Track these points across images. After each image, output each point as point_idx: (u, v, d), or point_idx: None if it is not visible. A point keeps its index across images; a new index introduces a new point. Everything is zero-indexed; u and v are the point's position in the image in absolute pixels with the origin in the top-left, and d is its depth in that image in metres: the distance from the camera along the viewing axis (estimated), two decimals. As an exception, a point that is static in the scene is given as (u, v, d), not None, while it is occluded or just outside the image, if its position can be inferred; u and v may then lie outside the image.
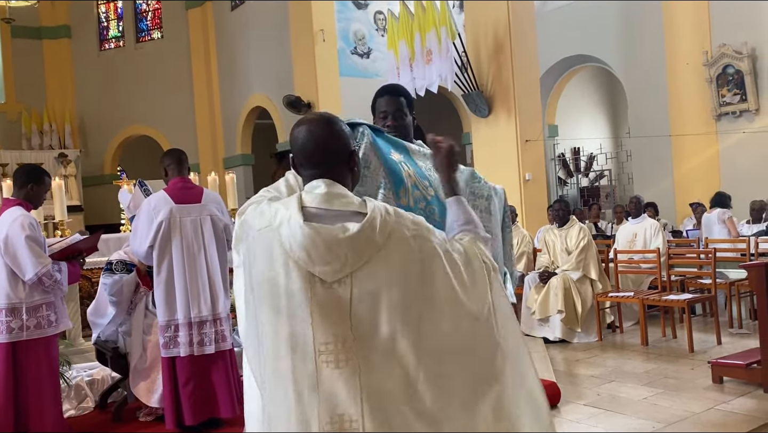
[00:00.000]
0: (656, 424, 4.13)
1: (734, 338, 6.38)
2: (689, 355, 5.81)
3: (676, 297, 6.34)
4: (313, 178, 1.85)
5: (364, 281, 1.70)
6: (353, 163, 1.90)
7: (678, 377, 5.16)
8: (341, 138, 1.88)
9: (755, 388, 4.64)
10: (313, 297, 1.71)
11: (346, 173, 1.88)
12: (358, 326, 1.70)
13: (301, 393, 1.72)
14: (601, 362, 5.81)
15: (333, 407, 1.69)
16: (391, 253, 1.71)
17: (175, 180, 4.17)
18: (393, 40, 9.79)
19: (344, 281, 1.71)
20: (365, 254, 1.71)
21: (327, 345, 1.70)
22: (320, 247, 1.72)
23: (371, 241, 1.71)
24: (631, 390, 4.88)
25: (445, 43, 9.03)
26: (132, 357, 4.45)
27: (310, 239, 1.72)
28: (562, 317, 6.64)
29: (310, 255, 1.72)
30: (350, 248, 1.70)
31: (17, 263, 3.84)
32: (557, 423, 4.27)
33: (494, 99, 9.81)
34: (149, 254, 4.02)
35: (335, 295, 1.70)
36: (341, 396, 1.69)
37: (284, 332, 1.75)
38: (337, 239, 1.71)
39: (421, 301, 1.72)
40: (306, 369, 1.72)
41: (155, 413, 4.46)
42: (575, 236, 6.99)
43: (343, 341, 1.69)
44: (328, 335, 1.70)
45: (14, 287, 3.87)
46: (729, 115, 10.40)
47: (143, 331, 4.48)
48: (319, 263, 1.71)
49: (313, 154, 1.85)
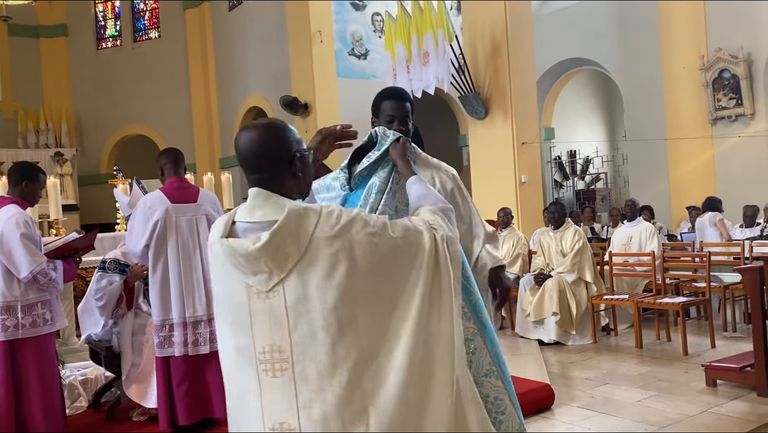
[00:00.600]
0: (649, 427, 4.13)
1: (728, 341, 6.39)
2: (683, 358, 5.83)
3: (671, 300, 6.36)
4: (253, 184, 1.84)
5: (295, 288, 1.69)
6: (296, 169, 1.84)
7: (672, 380, 5.17)
8: (281, 143, 1.84)
9: (749, 391, 4.65)
10: (252, 307, 1.74)
11: (288, 179, 1.84)
12: (294, 333, 1.69)
13: (249, 400, 1.77)
14: (596, 365, 5.82)
15: (275, 415, 1.72)
16: (316, 256, 1.68)
17: (171, 179, 4.17)
18: (390, 41, 9.80)
19: (277, 289, 1.71)
20: (287, 261, 1.69)
21: (264, 354, 1.73)
22: (241, 260, 1.74)
23: (286, 248, 1.69)
24: (625, 393, 4.89)
25: (442, 45, 9.05)
26: (123, 360, 4.44)
27: (230, 254, 1.75)
28: (556, 320, 6.65)
29: (239, 267, 1.75)
30: (267, 258, 1.70)
31: (12, 260, 3.82)
32: (551, 425, 4.29)
33: (491, 101, 9.83)
34: (145, 253, 4.02)
35: (271, 304, 1.72)
36: (280, 405, 1.71)
37: (233, 341, 1.80)
38: (248, 251, 1.71)
39: (354, 300, 1.68)
40: (250, 377, 1.75)
41: (149, 413, 4.44)
42: (570, 238, 7.00)
43: (279, 350, 1.71)
44: (265, 344, 1.73)
45: (9, 285, 3.86)
46: (725, 119, 10.44)
47: (133, 332, 4.46)
48: (249, 273, 1.73)
49: (252, 160, 1.84)
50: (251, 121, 1.93)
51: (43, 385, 3.93)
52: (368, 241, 1.70)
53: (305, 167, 1.88)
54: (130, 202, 4.81)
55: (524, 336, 6.93)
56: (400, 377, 1.68)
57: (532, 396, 4.58)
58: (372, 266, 1.70)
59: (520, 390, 4.50)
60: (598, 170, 14.05)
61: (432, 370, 1.74)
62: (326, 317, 1.67)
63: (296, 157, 1.85)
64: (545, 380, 5.01)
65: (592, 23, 12.25)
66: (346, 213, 1.73)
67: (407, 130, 2.70)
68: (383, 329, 1.70)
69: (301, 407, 1.69)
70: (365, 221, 1.73)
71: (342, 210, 1.74)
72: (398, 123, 2.67)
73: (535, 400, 4.57)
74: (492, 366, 2.33)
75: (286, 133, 1.86)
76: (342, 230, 1.70)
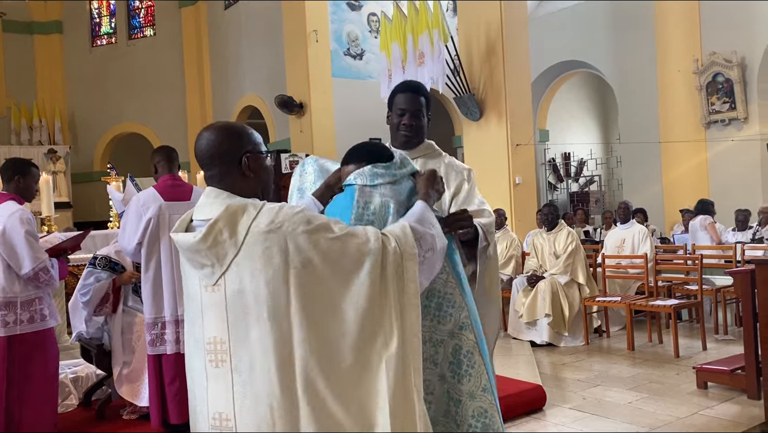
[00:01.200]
0: (641, 428, 4.15)
1: (719, 344, 6.42)
2: (675, 360, 5.85)
3: (663, 303, 6.38)
4: (207, 181, 1.90)
5: (233, 281, 1.74)
6: (245, 168, 1.87)
7: (663, 381, 5.19)
8: (231, 142, 1.88)
9: (739, 394, 4.67)
10: (203, 300, 1.80)
11: (237, 178, 1.87)
12: (232, 326, 1.74)
13: (200, 391, 1.82)
14: (588, 366, 5.83)
15: (215, 405, 1.77)
16: (252, 251, 1.71)
17: (165, 177, 4.16)
18: (386, 41, 9.79)
19: (220, 283, 1.76)
20: (227, 256, 1.73)
21: (209, 345, 1.78)
22: (187, 253, 1.81)
23: (224, 242, 1.73)
24: (616, 394, 4.90)
25: (437, 46, 9.05)
26: (114, 358, 4.42)
27: (180, 248, 1.83)
28: (549, 321, 6.66)
29: (189, 262, 1.82)
30: (207, 251, 1.74)
31: (15, 257, 3.82)
32: (543, 426, 4.29)
33: (486, 102, 9.84)
34: (137, 250, 4.00)
35: (217, 297, 1.77)
36: (220, 395, 1.76)
37: (191, 333, 1.86)
38: (189, 244, 1.77)
39: (286, 295, 1.70)
40: (201, 368, 1.81)
41: (140, 412, 4.43)
42: (563, 240, 7.02)
43: (220, 341, 1.76)
44: (210, 336, 1.78)
45: (10, 281, 3.85)
46: (718, 123, 10.48)
47: (123, 330, 4.44)
48: (196, 266, 1.80)
49: (203, 157, 1.89)
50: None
51: (40, 383, 3.92)
52: (305, 238, 1.71)
53: (258, 168, 1.91)
54: (124, 200, 4.80)
55: (516, 337, 6.94)
56: (332, 377, 1.70)
57: (524, 397, 4.59)
58: (307, 262, 1.70)
59: (512, 391, 4.55)
60: (592, 173, 14.08)
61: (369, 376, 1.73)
62: (259, 311, 1.70)
63: (247, 156, 1.88)
64: (537, 381, 5.02)
65: (588, 26, 12.28)
66: (288, 209, 1.75)
67: (418, 125, 2.65)
68: (317, 328, 1.71)
69: (235, 398, 1.73)
70: (306, 219, 1.73)
71: (286, 207, 1.76)
72: (409, 117, 2.64)
73: (527, 401, 4.58)
74: (488, 382, 2.29)
75: (240, 133, 1.90)
76: (278, 225, 1.72)
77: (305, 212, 1.75)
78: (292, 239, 1.70)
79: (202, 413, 1.81)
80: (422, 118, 2.66)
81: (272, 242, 1.70)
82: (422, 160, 2.74)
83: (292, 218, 1.72)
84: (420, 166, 2.68)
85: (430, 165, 2.71)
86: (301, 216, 1.73)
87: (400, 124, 2.67)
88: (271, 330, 1.69)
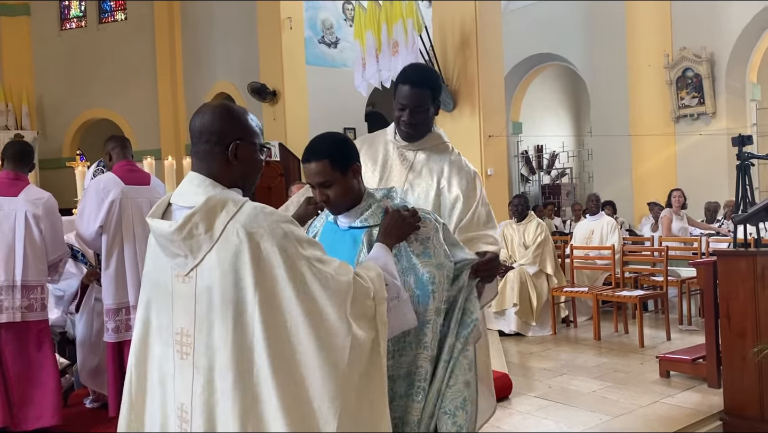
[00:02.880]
0: (603, 416, 4.21)
1: (683, 334, 6.54)
2: (640, 350, 5.94)
3: (629, 293, 6.47)
4: (192, 156, 1.85)
5: (203, 276, 1.70)
6: (231, 154, 1.78)
7: (627, 371, 5.27)
8: (225, 122, 1.80)
9: (700, 382, 4.76)
10: (174, 289, 1.76)
11: (220, 160, 1.78)
12: (199, 321, 1.71)
13: (163, 379, 1.79)
14: (554, 356, 5.90)
15: (178, 396, 1.74)
16: (225, 248, 1.67)
17: (121, 163, 4.13)
18: (360, 30, 9.73)
19: (191, 274, 1.72)
20: (201, 248, 1.69)
21: (177, 335, 1.75)
22: (162, 240, 1.76)
23: (199, 235, 1.68)
24: (581, 383, 4.97)
25: (411, 36, 9.02)
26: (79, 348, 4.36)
27: (154, 234, 1.78)
28: (516, 310, 6.72)
29: (162, 249, 1.77)
30: (181, 242, 1.70)
31: (57, 238, 3.92)
32: (508, 414, 4.33)
33: (459, 93, 9.84)
34: (98, 235, 3.94)
35: (186, 288, 1.73)
36: (184, 387, 1.73)
37: (157, 317, 1.82)
38: (164, 232, 1.72)
39: (251, 300, 1.65)
40: (167, 356, 1.78)
41: (103, 400, 4.38)
42: (533, 231, 7.09)
43: (186, 333, 1.73)
44: (178, 326, 1.75)
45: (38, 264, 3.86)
46: (687, 117, 10.62)
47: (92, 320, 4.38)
48: (169, 255, 1.76)
49: (195, 131, 1.83)
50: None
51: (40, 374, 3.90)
52: (279, 246, 1.66)
53: (245, 158, 1.81)
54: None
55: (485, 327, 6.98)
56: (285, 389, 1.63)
57: (490, 386, 4.62)
58: (276, 273, 1.65)
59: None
60: (564, 165, 14.20)
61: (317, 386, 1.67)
62: (224, 312, 1.66)
63: (237, 143, 1.79)
64: (504, 370, 5.07)
65: (560, 19, 12.34)
66: (269, 215, 1.70)
67: (419, 122, 2.49)
68: (278, 342, 1.65)
69: (194, 394, 1.70)
70: (284, 232, 1.68)
71: (268, 211, 1.71)
72: (409, 114, 2.47)
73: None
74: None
75: (238, 118, 1.82)
76: (255, 228, 1.66)
77: (283, 223, 1.70)
78: (267, 246, 1.66)
79: (170, 403, 1.77)
80: (425, 113, 2.50)
81: (246, 244, 1.65)
82: (425, 154, 2.62)
83: (271, 225, 1.67)
84: (421, 165, 2.60)
85: (433, 163, 2.61)
86: (280, 226, 1.68)
87: (400, 120, 2.53)
88: (233, 332, 1.65)
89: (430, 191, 2.57)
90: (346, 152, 2.08)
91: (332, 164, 2.03)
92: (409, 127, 2.53)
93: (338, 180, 2.05)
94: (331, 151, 2.05)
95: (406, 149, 2.66)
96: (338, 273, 1.73)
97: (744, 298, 4.00)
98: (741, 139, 5.00)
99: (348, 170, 2.07)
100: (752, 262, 3.98)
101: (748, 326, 3.97)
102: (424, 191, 2.58)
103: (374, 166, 2.65)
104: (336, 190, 2.05)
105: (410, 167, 2.61)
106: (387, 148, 2.69)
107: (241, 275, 1.65)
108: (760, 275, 3.93)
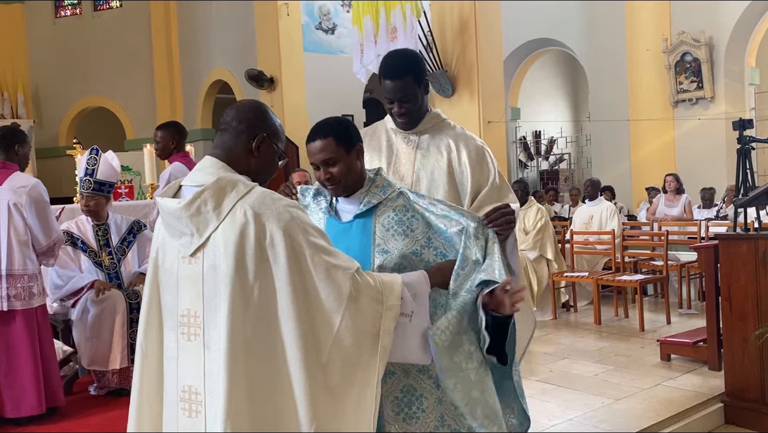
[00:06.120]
0: (605, 399, 4.24)
1: (683, 318, 6.58)
2: (640, 334, 5.97)
3: (629, 278, 6.50)
4: (215, 140, 1.89)
5: (209, 255, 1.71)
6: (255, 146, 1.84)
7: (628, 354, 5.30)
8: (258, 116, 1.87)
9: (701, 365, 4.79)
10: (179, 270, 1.77)
11: (241, 149, 1.83)
12: (206, 301, 1.72)
13: (170, 361, 1.80)
14: (555, 340, 5.93)
15: (185, 378, 1.75)
16: (231, 228, 1.68)
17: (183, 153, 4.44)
18: (358, 15, 9.67)
19: (197, 254, 1.73)
20: (207, 227, 1.70)
21: (183, 318, 1.76)
22: (168, 219, 1.77)
23: (207, 213, 1.69)
24: (582, 367, 5.00)
25: (410, 21, 8.98)
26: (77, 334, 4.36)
27: (162, 213, 1.80)
28: (518, 296, 6.74)
29: (168, 228, 1.78)
30: (188, 219, 1.71)
31: (45, 226, 3.82)
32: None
33: (458, 79, 9.82)
34: None
35: (192, 269, 1.74)
36: (191, 368, 1.74)
37: (158, 305, 1.84)
38: (172, 209, 1.74)
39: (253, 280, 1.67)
40: (170, 339, 1.79)
41: (107, 387, 4.39)
42: (533, 216, 7.09)
43: (194, 315, 1.74)
44: (184, 309, 1.76)
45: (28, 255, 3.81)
46: (686, 102, 10.63)
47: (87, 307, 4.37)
48: (175, 235, 1.76)
49: (227, 116, 1.89)
50: None
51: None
52: (285, 229, 1.67)
53: (265, 154, 1.87)
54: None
55: (486, 312, 7.01)
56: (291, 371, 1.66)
57: (493, 370, 4.65)
58: (278, 255, 1.67)
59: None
60: (562, 151, 14.20)
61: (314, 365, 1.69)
62: (230, 290, 1.67)
63: (262, 136, 1.85)
64: (506, 354, 5.08)
65: (559, 4, 12.29)
66: (278, 200, 1.71)
67: (412, 110, 2.49)
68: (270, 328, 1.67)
69: (206, 374, 1.71)
70: (291, 216, 1.69)
71: (277, 196, 1.73)
72: (398, 106, 2.49)
73: (496, 374, 4.64)
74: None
75: (270, 118, 1.90)
76: (263, 211, 1.68)
77: (291, 208, 1.71)
78: (272, 228, 1.67)
79: (172, 385, 1.78)
80: (413, 100, 2.50)
81: (252, 224, 1.67)
82: (429, 136, 2.60)
83: (279, 209, 1.69)
84: (427, 143, 2.58)
85: (438, 140, 2.58)
86: (288, 210, 1.70)
87: (392, 112, 2.55)
88: (232, 312, 1.66)
89: (441, 165, 2.56)
90: (350, 132, 2.11)
91: (337, 141, 2.05)
92: (403, 117, 2.54)
93: (343, 157, 2.06)
94: (337, 129, 2.08)
95: (409, 133, 2.67)
96: (341, 264, 1.74)
97: (745, 281, 4.02)
98: (742, 123, 4.99)
99: (352, 149, 2.09)
100: (753, 245, 3.99)
101: (749, 308, 4.00)
102: (436, 167, 2.56)
103: (380, 154, 2.64)
104: (340, 168, 2.06)
105: (416, 146, 2.61)
106: (389, 135, 2.70)
107: (244, 253, 1.66)
108: (762, 258, 3.95)
